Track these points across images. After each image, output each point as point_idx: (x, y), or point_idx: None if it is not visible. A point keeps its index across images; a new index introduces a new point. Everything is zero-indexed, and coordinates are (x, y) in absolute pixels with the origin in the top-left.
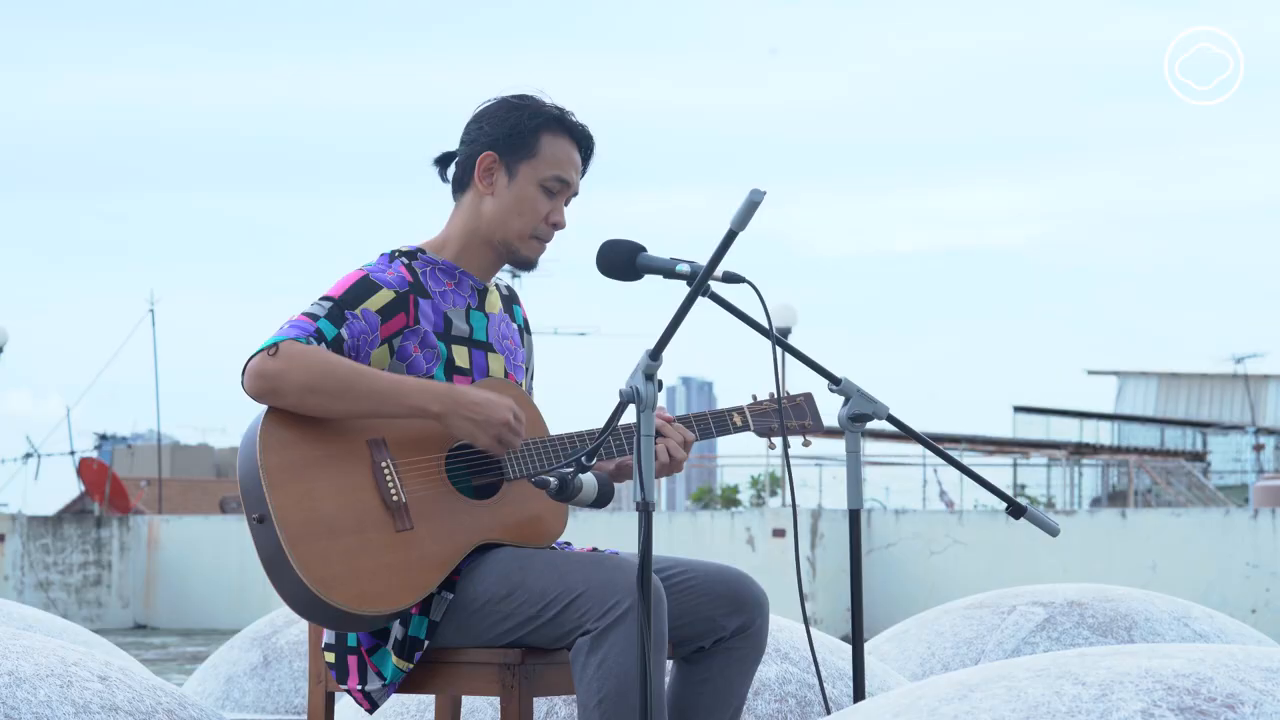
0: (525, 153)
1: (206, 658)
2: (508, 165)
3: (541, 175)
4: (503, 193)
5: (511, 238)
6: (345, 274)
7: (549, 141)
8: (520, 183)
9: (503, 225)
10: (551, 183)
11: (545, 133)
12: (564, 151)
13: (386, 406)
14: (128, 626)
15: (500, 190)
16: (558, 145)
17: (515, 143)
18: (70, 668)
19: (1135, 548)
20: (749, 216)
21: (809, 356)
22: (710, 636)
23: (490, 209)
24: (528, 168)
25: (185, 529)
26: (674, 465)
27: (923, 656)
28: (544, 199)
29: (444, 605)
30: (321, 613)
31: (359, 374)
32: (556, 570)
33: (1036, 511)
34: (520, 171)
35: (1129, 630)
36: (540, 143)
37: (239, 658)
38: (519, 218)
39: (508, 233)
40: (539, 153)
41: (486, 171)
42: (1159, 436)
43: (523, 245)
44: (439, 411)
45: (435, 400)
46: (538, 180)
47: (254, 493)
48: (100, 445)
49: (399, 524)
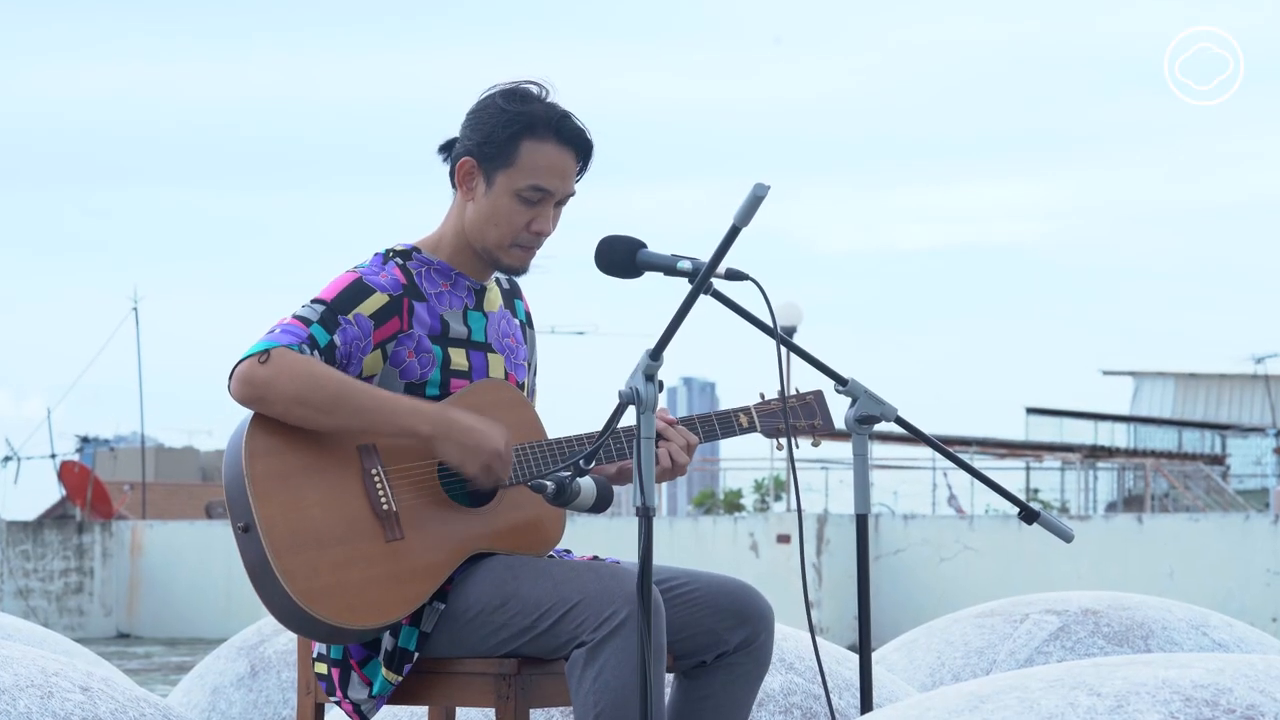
0: (501, 161)
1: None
2: (485, 173)
3: (517, 185)
4: (480, 200)
5: (490, 247)
6: (337, 276)
7: (530, 149)
8: (496, 192)
9: (481, 234)
10: (529, 192)
11: (526, 139)
12: (547, 159)
13: (376, 425)
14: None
15: (479, 198)
16: (540, 152)
17: (490, 151)
18: (51, 678)
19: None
20: (752, 212)
21: (814, 356)
22: (712, 651)
23: (471, 216)
24: (504, 177)
25: (170, 534)
26: (676, 470)
27: (932, 667)
28: (522, 209)
29: (435, 616)
30: (308, 626)
31: (350, 389)
32: (551, 579)
33: (1050, 516)
34: (497, 180)
35: (1145, 639)
36: (519, 151)
37: (225, 668)
38: (495, 228)
39: (486, 241)
40: (516, 162)
41: (466, 176)
42: (1176, 439)
43: (503, 254)
44: (429, 434)
45: (426, 422)
46: (513, 190)
47: (239, 501)
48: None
49: (389, 534)
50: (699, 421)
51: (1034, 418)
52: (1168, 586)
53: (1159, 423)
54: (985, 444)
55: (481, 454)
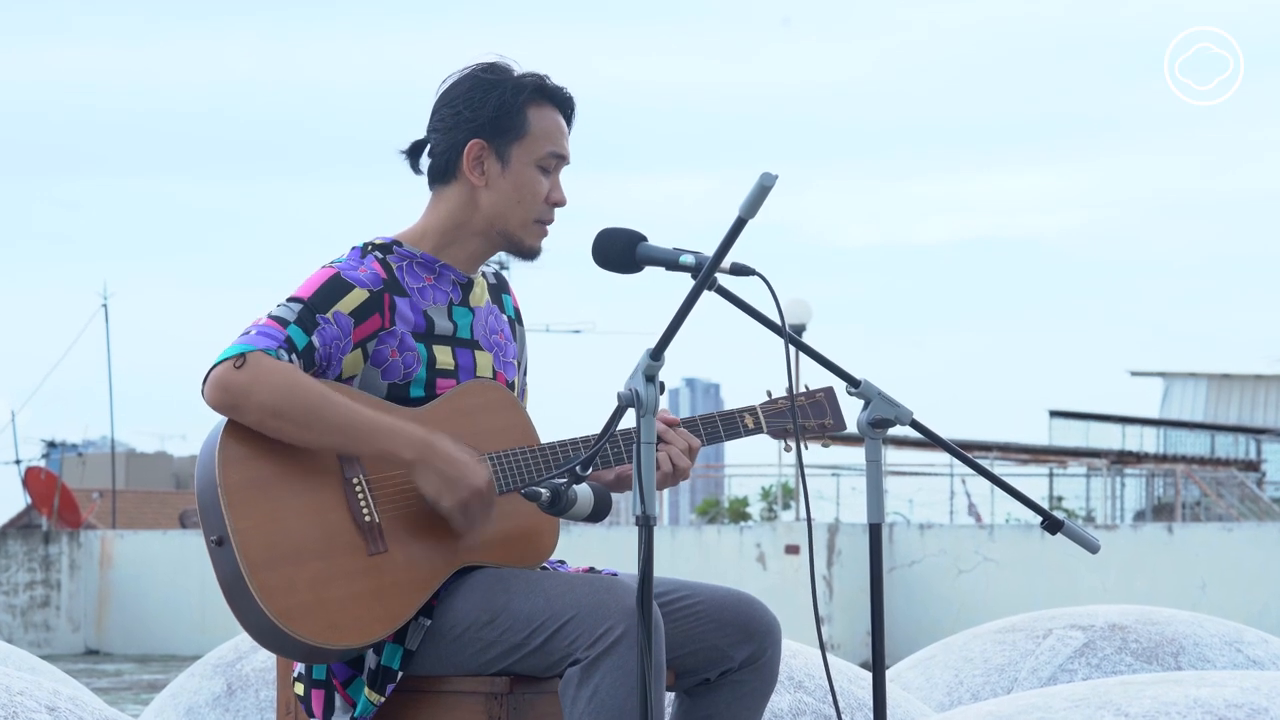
0: (515, 133)
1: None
2: (498, 150)
3: (537, 154)
4: (498, 181)
5: (514, 229)
6: (314, 272)
7: (536, 115)
8: (516, 167)
9: (503, 217)
10: (548, 160)
11: (531, 106)
12: (553, 121)
13: (355, 444)
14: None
15: (495, 179)
16: (545, 117)
17: (502, 124)
18: (15, 698)
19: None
20: (759, 203)
21: (825, 356)
22: (716, 668)
23: (488, 201)
24: (520, 149)
25: (141, 545)
26: (678, 474)
27: (950, 685)
28: (542, 179)
29: (421, 632)
30: (287, 646)
31: (329, 405)
32: (544, 593)
33: (1074, 526)
34: (513, 155)
35: (1176, 656)
36: (528, 119)
37: (200, 686)
38: (519, 206)
39: (509, 224)
40: (529, 130)
41: (476, 161)
42: (1209, 444)
43: (526, 234)
44: (411, 459)
45: (409, 446)
46: (534, 161)
47: (213, 513)
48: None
49: (371, 547)
50: (701, 423)
51: (1058, 421)
52: (1200, 600)
53: (1190, 426)
54: (1006, 449)
55: (461, 489)
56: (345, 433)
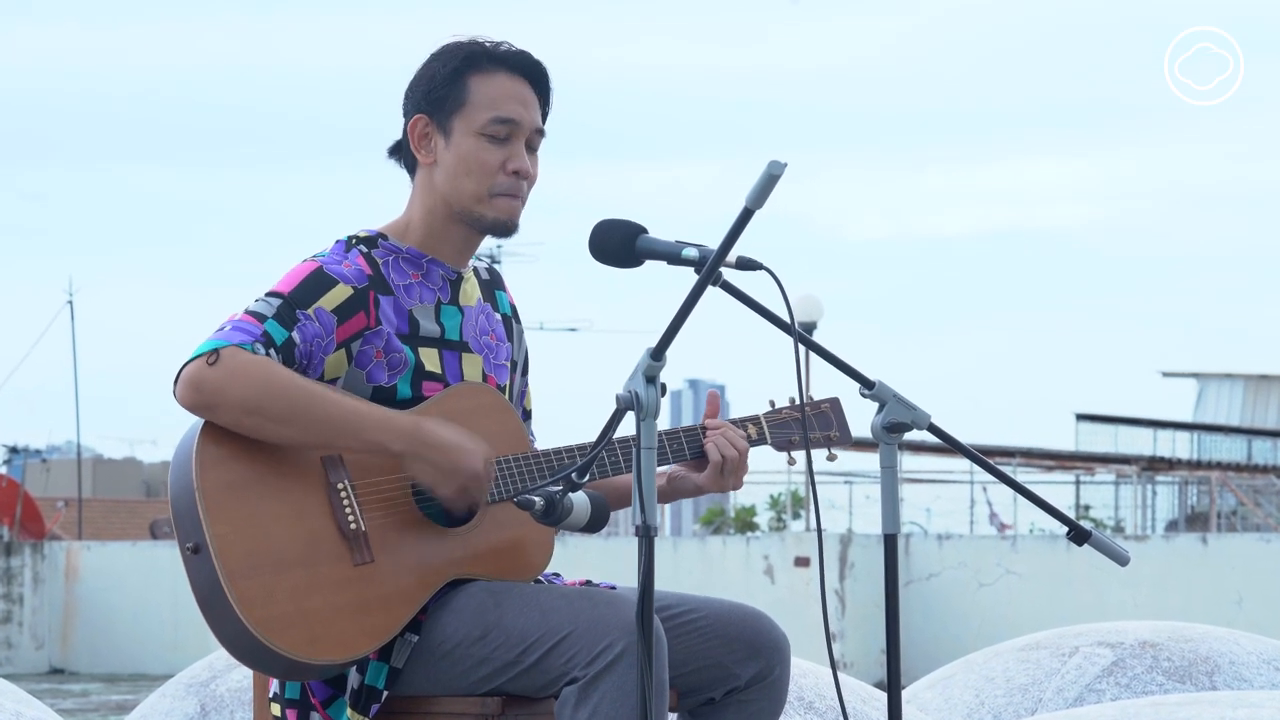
0: (453, 105)
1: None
2: (439, 123)
3: (477, 123)
4: (444, 156)
5: (468, 203)
6: (295, 266)
7: (478, 83)
8: (457, 139)
9: (457, 192)
10: (492, 127)
11: (471, 74)
12: (501, 88)
13: (339, 439)
14: (42, 671)
15: (440, 155)
16: (491, 84)
17: (438, 95)
18: None
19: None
20: (767, 193)
21: (836, 356)
22: (722, 686)
23: (440, 178)
24: (460, 120)
25: (109, 557)
26: (728, 469)
27: (970, 706)
28: (492, 148)
29: (408, 649)
30: (266, 659)
31: (311, 397)
32: (539, 607)
33: (1102, 537)
34: (454, 127)
35: (1210, 675)
36: (467, 87)
37: (172, 707)
38: (468, 178)
39: (462, 199)
40: (468, 99)
41: (422, 138)
42: (1245, 449)
43: (484, 208)
44: (400, 451)
45: (398, 437)
46: (474, 130)
47: (188, 518)
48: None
49: (357, 556)
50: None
51: (1085, 425)
52: (1236, 615)
53: (1226, 430)
54: (1030, 455)
55: (458, 476)
56: (328, 427)
